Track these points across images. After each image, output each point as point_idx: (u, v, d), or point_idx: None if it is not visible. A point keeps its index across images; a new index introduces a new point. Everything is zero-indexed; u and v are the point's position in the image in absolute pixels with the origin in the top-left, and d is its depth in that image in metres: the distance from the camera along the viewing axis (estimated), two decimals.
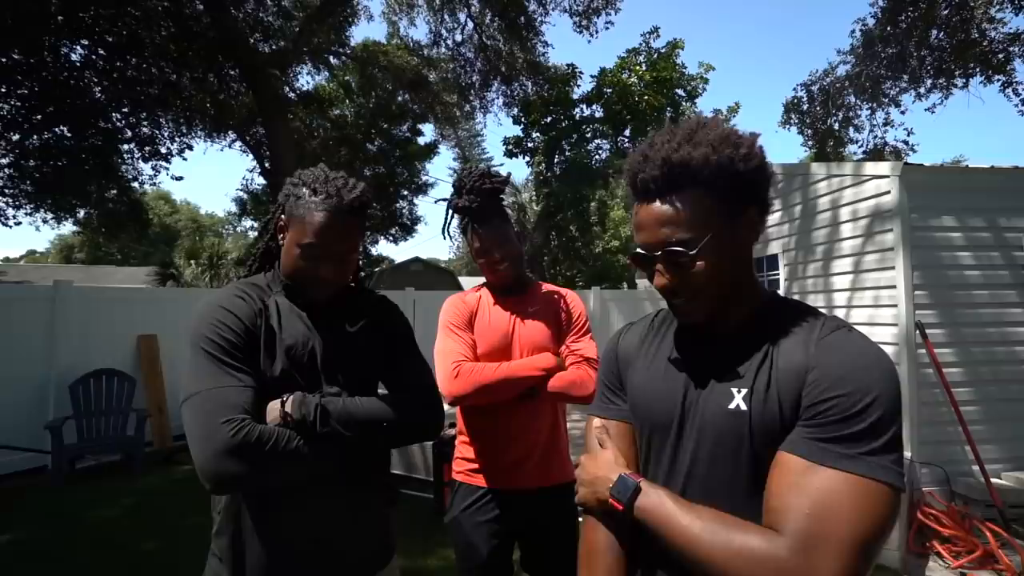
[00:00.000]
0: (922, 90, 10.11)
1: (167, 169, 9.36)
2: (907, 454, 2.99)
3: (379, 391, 1.09)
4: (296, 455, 0.88)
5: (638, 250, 0.75)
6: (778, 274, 5.50)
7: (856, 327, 0.70)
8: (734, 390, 0.71)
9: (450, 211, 1.48)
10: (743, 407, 0.69)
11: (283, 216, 1.04)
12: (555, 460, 1.44)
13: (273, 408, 0.91)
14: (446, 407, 1.18)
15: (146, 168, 9.07)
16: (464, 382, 1.32)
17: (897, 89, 10.55)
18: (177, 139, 9.31)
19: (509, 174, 1.52)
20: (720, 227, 0.71)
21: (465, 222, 1.45)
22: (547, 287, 1.57)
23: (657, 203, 0.71)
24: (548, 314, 1.48)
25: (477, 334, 1.45)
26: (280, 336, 0.97)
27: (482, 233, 1.42)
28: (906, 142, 11.45)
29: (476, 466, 1.44)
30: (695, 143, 0.70)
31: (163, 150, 9.01)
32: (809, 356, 0.67)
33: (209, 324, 0.93)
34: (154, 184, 9.48)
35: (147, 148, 8.77)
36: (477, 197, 1.40)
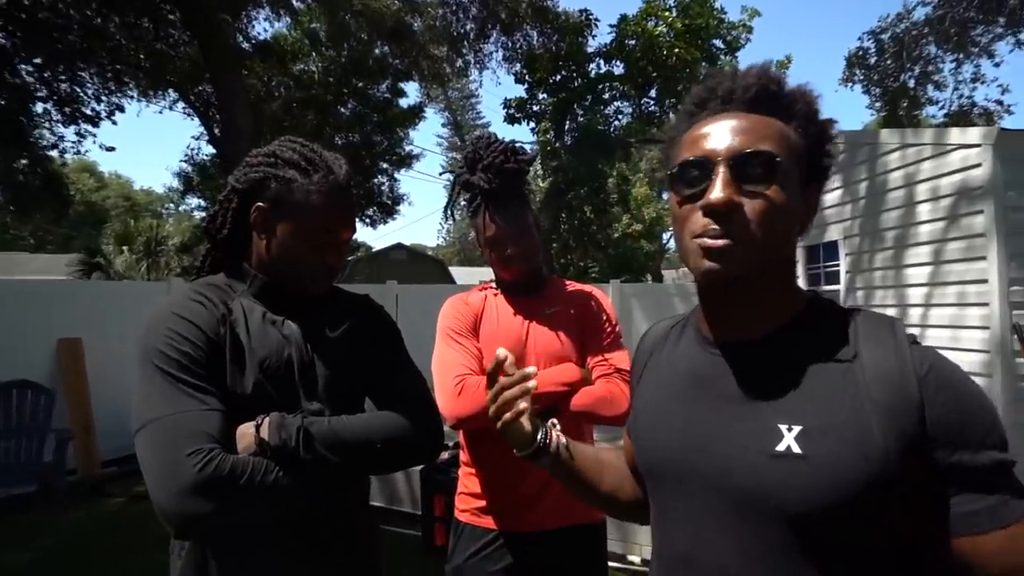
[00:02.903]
0: (1022, 36, 10.01)
1: (94, 135, 9.22)
2: None
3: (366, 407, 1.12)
4: (276, 488, 0.89)
5: (693, 156, 0.71)
6: (838, 265, 5.48)
7: (937, 331, 0.70)
8: (782, 426, 0.65)
9: (457, 187, 1.49)
10: (797, 450, 0.63)
11: (263, 205, 1.05)
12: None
13: (246, 434, 0.93)
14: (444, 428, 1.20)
15: (68, 133, 8.99)
16: (469, 400, 1.32)
17: (990, 36, 10.45)
18: (105, 99, 9.24)
19: (537, 152, 1.53)
20: (797, 174, 0.71)
21: (477, 203, 1.46)
22: (569, 285, 1.59)
23: (741, 114, 0.72)
24: (570, 317, 1.49)
25: (484, 342, 1.46)
26: (250, 346, 0.99)
27: (498, 220, 1.42)
28: (1000, 102, 11.41)
29: (483, 503, 1.45)
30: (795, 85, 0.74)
31: (88, 112, 8.94)
32: (915, 384, 0.63)
33: (162, 336, 0.94)
34: (78, 153, 9.42)
35: (67, 109, 8.69)
36: (496, 177, 1.40)
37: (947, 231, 4.07)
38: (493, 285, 1.58)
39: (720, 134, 0.70)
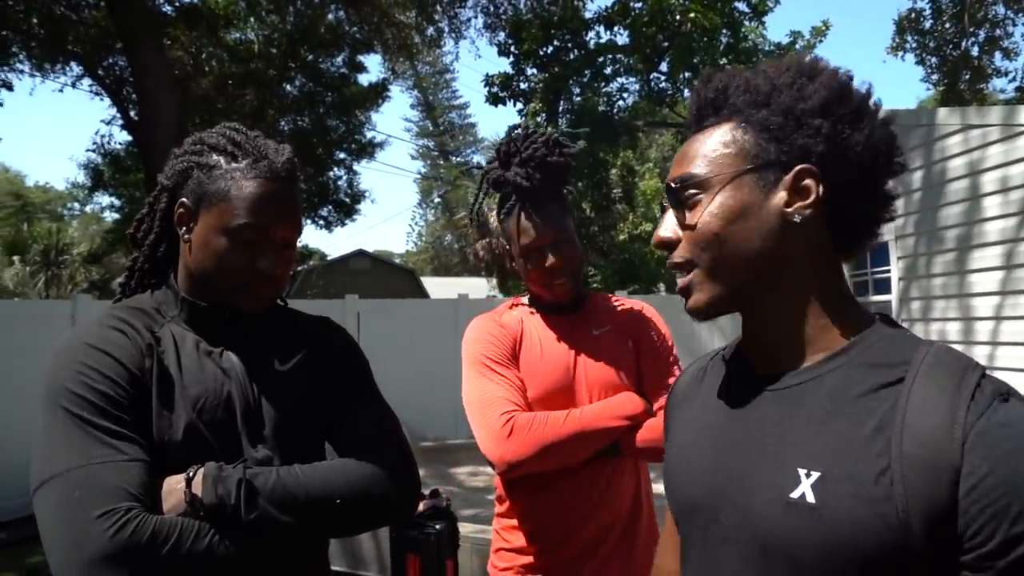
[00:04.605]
0: None
1: None
2: None
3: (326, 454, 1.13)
4: (209, 557, 0.89)
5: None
6: (889, 271, 5.54)
7: (1009, 349, 0.67)
8: (801, 471, 0.68)
9: (486, 186, 1.60)
10: (810, 499, 0.66)
11: (185, 200, 1.08)
12: (637, 543, 1.53)
13: (175, 489, 0.92)
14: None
15: None
16: (523, 441, 1.37)
17: None
18: None
19: (581, 146, 1.63)
20: (743, 174, 0.76)
21: (512, 204, 1.53)
22: (615, 300, 1.69)
23: (694, 135, 0.83)
24: (621, 339, 1.58)
25: (525, 372, 1.53)
26: (181, 381, 1.00)
27: (538, 222, 1.48)
28: None
29: (530, 560, 1.50)
30: (755, 71, 0.81)
31: None
32: (959, 441, 0.62)
33: (73, 372, 0.94)
34: None
35: None
36: (537, 172, 1.46)
37: (1020, 229, 4.14)
38: (525, 302, 1.67)
39: (673, 165, 0.83)
